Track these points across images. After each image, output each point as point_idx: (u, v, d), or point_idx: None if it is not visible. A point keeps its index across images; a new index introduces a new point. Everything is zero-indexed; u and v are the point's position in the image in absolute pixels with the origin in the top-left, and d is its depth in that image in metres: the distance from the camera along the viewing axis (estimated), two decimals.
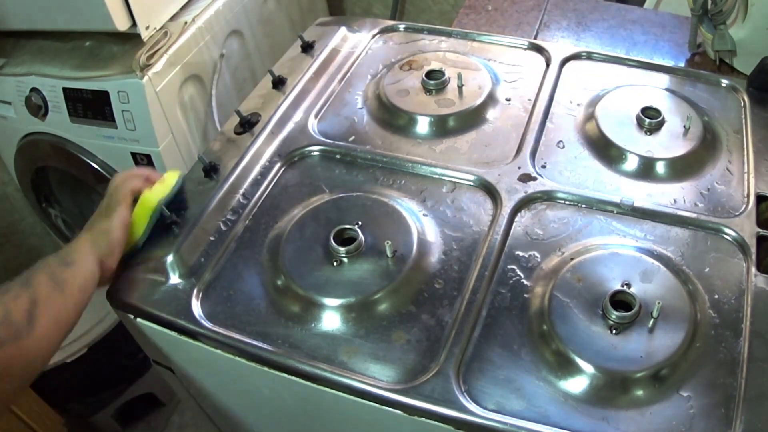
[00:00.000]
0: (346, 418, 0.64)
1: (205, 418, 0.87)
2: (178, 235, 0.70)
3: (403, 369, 0.59)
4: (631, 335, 0.58)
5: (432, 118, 0.82)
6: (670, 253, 0.66)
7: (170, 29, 1.13)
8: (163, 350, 0.72)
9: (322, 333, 0.62)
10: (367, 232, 0.68)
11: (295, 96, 0.87)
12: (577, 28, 1.03)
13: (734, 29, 0.91)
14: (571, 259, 0.65)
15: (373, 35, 0.99)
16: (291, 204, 0.74)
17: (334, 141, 0.81)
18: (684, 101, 0.82)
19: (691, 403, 0.55)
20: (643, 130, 0.78)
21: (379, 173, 0.77)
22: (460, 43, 0.96)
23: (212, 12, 1.20)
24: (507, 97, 0.86)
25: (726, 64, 0.95)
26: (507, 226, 0.69)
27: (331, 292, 0.64)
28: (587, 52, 0.92)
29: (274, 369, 0.61)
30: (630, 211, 0.70)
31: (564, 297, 0.61)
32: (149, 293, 0.66)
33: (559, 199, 0.72)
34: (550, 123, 0.82)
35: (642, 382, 0.56)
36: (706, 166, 0.76)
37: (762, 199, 0.71)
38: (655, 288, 0.62)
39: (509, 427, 0.54)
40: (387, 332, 0.62)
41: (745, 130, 0.79)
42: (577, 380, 0.57)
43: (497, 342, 0.60)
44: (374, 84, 0.89)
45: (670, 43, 1.00)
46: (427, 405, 0.55)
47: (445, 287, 0.65)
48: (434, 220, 0.71)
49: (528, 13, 1.08)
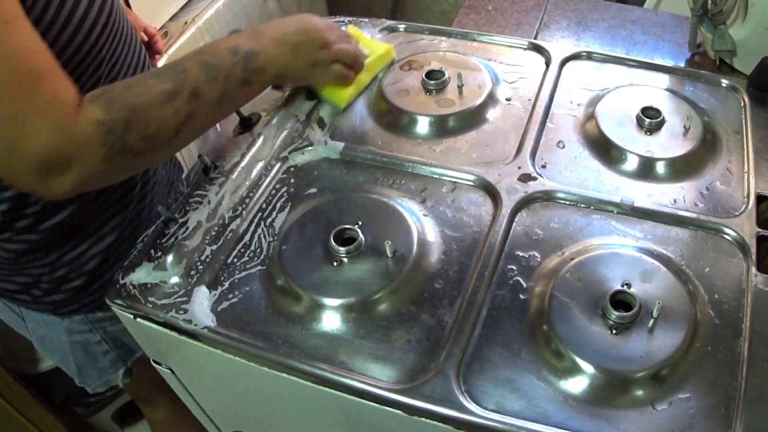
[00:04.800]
0: (346, 418, 0.64)
1: (205, 418, 0.87)
2: (178, 234, 0.70)
3: (403, 369, 0.59)
4: (631, 335, 0.58)
5: (432, 118, 0.82)
6: (670, 253, 0.66)
7: (170, 29, 1.13)
8: (163, 350, 0.72)
9: (322, 333, 0.62)
10: (367, 232, 0.68)
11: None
12: (577, 28, 1.03)
13: (734, 29, 0.91)
14: (571, 259, 0.65)
15: (372, 35, 0.99)
16: (291, 204, 0.74)
17: (334, 141, 0.81)
18: (684, 101, 0.82)
19: (691, 403, 0.55)
20: (643, 130, 0.78)
21: (379, 173, 0.77)
22: (460, 43, 0.96)
23: (212, 12, 1.20)
24: (507, 97, 0.86)
25: (726, 64, 0.95)
26: (507, 226, 0.69)
27: (331, 292, 0.64)
28: (587, 52, 0.92)
29: (274, 369, 0.61)
30: (630, 211, 0.70)
31: (564, 297, 0.61)
32: (149, 293, 0.66)
33: (559, 199, 0.72)
34: (550, 123, 0.82)
35: (642, 382, 0.56)
36: (706, 166, 0.76)
37: (762, 199, 0.71)
38: (655, 288, 0.62)
39: (509, 427, 0.54)
40: (387, 332, 0.62)
41: (745, 130, 0.79)
42: (577, 380, 0.57)
43: (497, 342, 0.60)
44: (374, 84, 0.89)
45: (670, 43, 1.00)
46: (427, 405, 0.55)
47: (445, 287, 0.65)
48: (434, 220, 0.71)
49: (528, 13, 1.08)
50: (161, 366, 0.76)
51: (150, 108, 0.61)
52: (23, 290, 0.80)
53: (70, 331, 0.87)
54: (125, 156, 0.60)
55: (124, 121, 0.59)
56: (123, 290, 0.67)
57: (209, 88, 0.65)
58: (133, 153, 0.60)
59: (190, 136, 0.67)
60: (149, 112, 0.61)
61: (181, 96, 0.63)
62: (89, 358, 0.92)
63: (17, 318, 0.90)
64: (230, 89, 0.67)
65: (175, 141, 0.65)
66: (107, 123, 0.58)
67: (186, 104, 0.63)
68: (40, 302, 0.82)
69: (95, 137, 0.57)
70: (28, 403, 1.24)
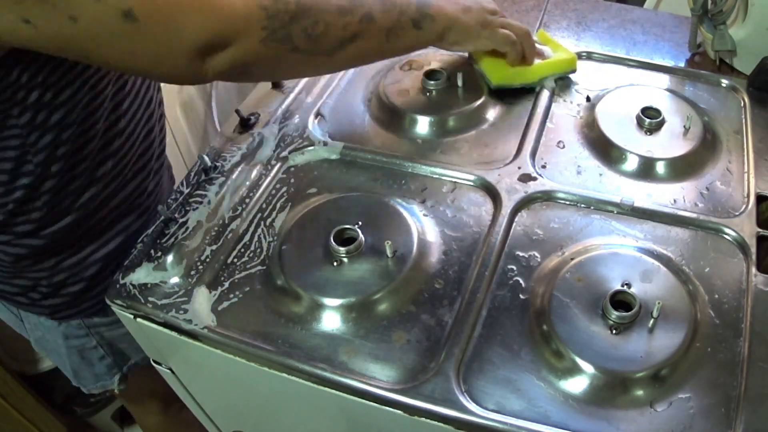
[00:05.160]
0: (346, 418, 0.64)
1: (205, 418, 0.87)
2: (178, 234, 0.70)
3: (403, 369, 0.59)
4: (631, 335, 0.58)
5: (432, 118, 0.82)
6: (670, 253, 0.66)
7: None
8: (163, 350, 0.73)
9: (322, 333, 0.62)
10: (367, 232, 0.68)
11: (294, 96, 0.87)
12: (577, 28, 1.03)
13: (734, 29, 0.91)
14: (571, 259, 0.65)
15: None
16: (291, 204, 0.74)
17: (334, 141, 0.81)
18: (684, 101, 0.82)
19: (691, 403, 0.55)
20: (643, 130, 0.78)
21: (379, 173, 0.77)
22: None
23: None
24: None
25: (726, 64, 0.95)
26: (507, 226, 0.69)
27: (331, 292, 0.64)
28: (587, 52, 0.92)
29: (274, 369, 0.61)
30: (630, 211, 0.70)
31: (564, 297, 0.61)
32: (149, 293, 0.66)
33: (559, 199, 0.72)
34: (550, 123, 0.82)
35: (642, 382, 0.56)
36: (706, 166, 0.76)
37: (762, 199, 0.71)
38: (655, 288, 0.62)
39: (509, 427, 0.54)
40: (387, 332, 0.62)
41: (745, 130, 0.79)
42: (577, 380, 0.57)
43: (497, 342, 0.60)
44: (374, 84, 0.89)
45: (670, 43, 1.00)
46: (427, 405, 0.55)
47: (445, 287, 0.65)
48: (434, 220, 0.71)
49: (528, 13, 1.08)
50: (161, 366, 0.76)
51: (321, 12, 0.62)
52: (21, 293, 0.80)
53: (66, 336, 0.87)
54: (286, 47, 0.61)
55: (290, 12, 0.60)
56: (123, 290, 0.67)
57: (383, 16, 0.67)
58: (294, 47, 0.62)
59: (353, 57, 0.69)
60: (319, 15, 0.62)
61: (354, 14, 0.65)
62: (85, 362, 0.91)
63: (15, 318, 0.90)
64: (401, 25, 0.69)
65: (338, 54, 0.66)
66: (271, 9, 0.59)
67: (357, 22, 0.65)
68: (38, 305, 0.82)
69: (257, 19, 0.58)
70: (28, 403, 1.24)
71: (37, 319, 0.86)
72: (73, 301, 0.82)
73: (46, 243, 0.74)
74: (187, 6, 0.55)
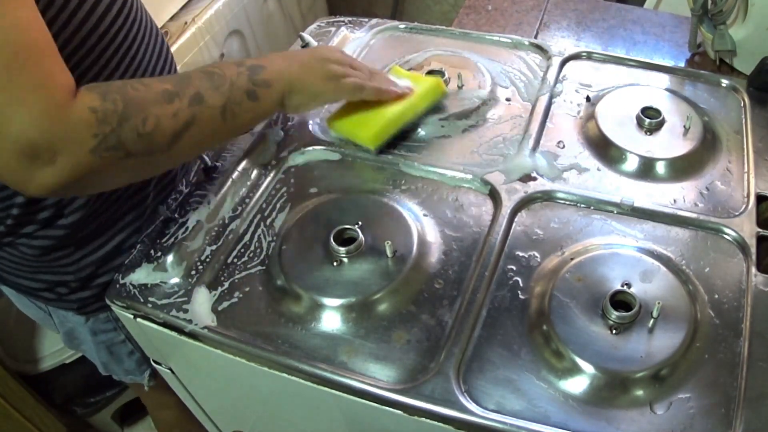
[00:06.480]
0: (346, 418, 0.64)
1: (205, 418, 0.87)
2: (178, 234, 0.70)
3: (403, 369, 0.59)
4: (631, 335, 0.58)
5: (432, 118, 0.82)
6: (670, 253, 0.66)
7: (170, 29, 1.13)
8: (163, 350, 0.73)
9: (322, 333, 0.62)
10: (367, 232, 0.68)
11: None
12: (577, 28, 1.03)
13: (734, 29, 0.91)
14: (571, 259, 0.65)
15: (373, 35, 0.99)
16: (291, 204, 0.74)
17: (334, 141, 0.81)
18: (684, 101, 0.82)
19: (691, 403, 0.55)
20: (643, 130, 0.78)
21: (379, 173, 0.77)
22: (460, 43, 0.96)
23: (212, 12, 1.20)
24: (507, 97, 0.86)
25: (726, 64, 0.95)
26: (507, 226, 0.69)
27: (331, 292, 0.64)
28: (587, 52, 0.92)
29: (274, 369, 0.61)
30: (630, 211, 0.70)
31: (564, 297, 0.61)
32: (149, 293, 0.66)
33: (559, 199, 0.72)
34: (550, 123, 0.82)
35: (642, 382, 0.56)
36: (706, 166, 0.76)
37: (762, 199, 0.71)
38: (655, 288, 0.62)
39: (509, 427, 0.54)
40: (387, 332, 0.62)
41: (745, 130, 0.79)
42: (577, 380, 0.57)
43: (497, 342, 0.60)
44: None
45: (670, 43, 1.00)
46: (427, 405, 0.55)
47: (445, 287, 0.65)
48: (434, 220, 0.71)
49: (528, 13, 1.08)
50: (161, 366, 0.76)
51: (148, 104, 0.57)
52: (47, 288, 0.79)
53: (94, 332, 0.87)
54: (118, 154, 0.56)
55: (119, 112, 0.55)
56: (123, 290, 0.67)
57: (213, 94, 0.62)
58: (127, 152, 0.56)
59: (191, 145, 0.62)
60: (147, 109, 0.57)
61: (182, 97, 0.60)
62: (114, 359, 0.91)
63: (44, 314, 0.89)
64: (235, 100, 0.64)
65: (174, 148, 0.60)
66: (101, 111, 0.54)
67: (187, 107, 0.60)
68: (65, 300, 0.81)
69: (87, 125, 0.53)
70: (28, 403, 1.24)
71: (64, 314, 0.86)
72: (102, 293, 0.81)
73: (70, 233, 0.72)
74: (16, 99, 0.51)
